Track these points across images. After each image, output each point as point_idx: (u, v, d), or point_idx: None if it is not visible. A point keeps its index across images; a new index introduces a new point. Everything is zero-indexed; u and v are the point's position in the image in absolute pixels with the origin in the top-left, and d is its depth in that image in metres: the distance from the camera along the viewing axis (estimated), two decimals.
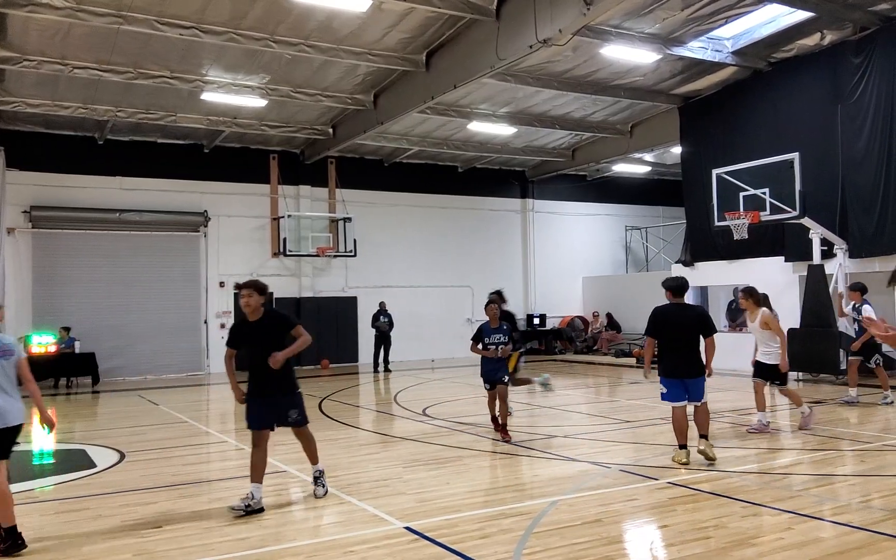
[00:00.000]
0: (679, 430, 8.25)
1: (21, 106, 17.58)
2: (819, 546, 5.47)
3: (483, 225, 26.19)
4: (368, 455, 9.58)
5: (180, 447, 10.43)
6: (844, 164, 15.75)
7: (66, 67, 15.39)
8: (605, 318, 25.39)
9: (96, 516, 6.77)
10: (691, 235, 20.04)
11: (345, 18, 14.00)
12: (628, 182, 28.11)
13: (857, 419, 11.25)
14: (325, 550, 5.69)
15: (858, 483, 7.52)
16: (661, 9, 14.00)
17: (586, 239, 27.95)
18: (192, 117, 19.34)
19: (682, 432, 8.23)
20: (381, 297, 22.05)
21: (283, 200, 22.97)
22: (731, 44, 16.13)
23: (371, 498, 7.19)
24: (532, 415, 13.08)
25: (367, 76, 17.39)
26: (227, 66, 16.35)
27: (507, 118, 20.50)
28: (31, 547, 5.89)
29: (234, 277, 22.18)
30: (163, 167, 21.46)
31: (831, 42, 15.85)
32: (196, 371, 21.51)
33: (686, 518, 6.28)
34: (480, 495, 7.32)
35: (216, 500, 7.34)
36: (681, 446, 8.22)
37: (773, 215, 15.30)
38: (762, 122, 17.58)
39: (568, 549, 5.53)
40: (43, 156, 20.09)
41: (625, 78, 17.92)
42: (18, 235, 19.69)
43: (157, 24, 13.55)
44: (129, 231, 20.92)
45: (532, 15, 12.69)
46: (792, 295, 16.89)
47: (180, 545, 5.89)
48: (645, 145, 22.53)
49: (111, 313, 20.17)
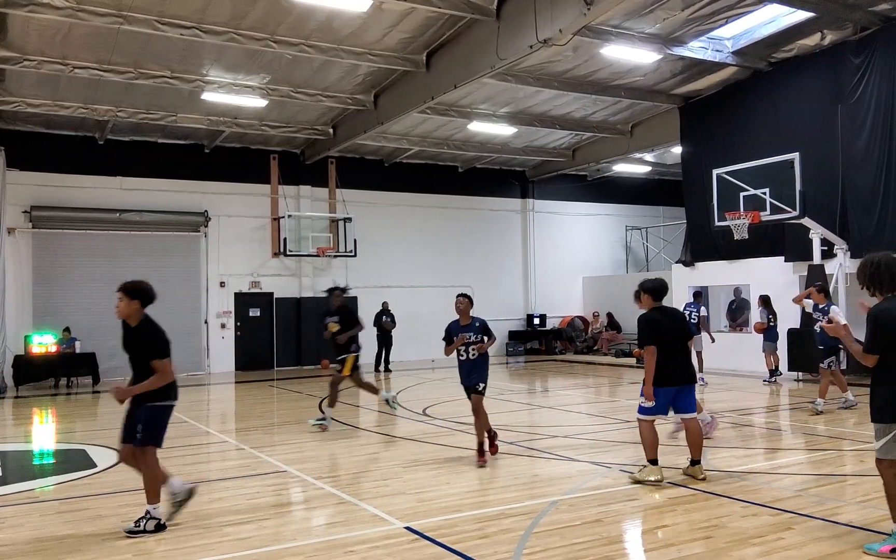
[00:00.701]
0: (650, 445, 7.41)
1: (21, 106, 17.58)
2: (819, 546, 5.47)
3: (483, 225, 26.20)
4: (368, 455, 9.59)
5: (181, 447, 10.42)
6: (844, 164, 15.75)
7: (67, 67, 15.39)
8: (605, 317, 25.39)
9: (96, 516, 6.77)
10: (692, 235, 20.04)
11: (345, 18, 14.00)
12: (629, 182, 28.11)
13: (856, 419, 11.24)
14: (325, 550, 5.69)
15: (858, 483, 7.52)
16: (661, 9, 13.99)
17: (586, 239, 27.95)
18: (192, 117, 19.35)
19: (653, 446, 7.42)
20: (383, 297, 22.06)
21: (283, 200, 22.97)
22: (731, 44, 16.13)
23: (371, 498, 7.19)
24: (532, 414, 13.07)
25: (368, 76, 17.39)
26: (228, 66, 16.35)
27: (507, 118, 20.50)
28: (31, 547, 5.90)
29: (235, 278, 22.31)
30: (163, 167, 21.46)
31: (831, 42, 15.84)
32: (196, 371, 21.52)
33: (686, 518, 6.28)
34: (480, 495, 7.32)
35: (216, 500, 7.34)
36: (652, 461, 7.42)
37: (774, 215, 15.31)
38: (762, 122, 17.58)
39: (568, 549, 5.54)
40: (43, 156, 20.09)
41: (625, 78, 17.92)
42: (19, 235, 19.70)
43: (158, 24, 13.55)
44: (129, 231, 20.93)
45: (532, 15, 12.69)
46: (792, 295, 16.82)
47: (180, 545, 5.89)
48: (645, 145, 22.53)
49: (111, 313, 19.80)
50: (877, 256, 5.36)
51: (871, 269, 5.33)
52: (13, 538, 6.18)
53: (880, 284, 5.31)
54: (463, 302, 8.80)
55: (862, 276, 5.43)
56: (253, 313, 22.71)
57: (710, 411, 10.44)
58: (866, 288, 5.43)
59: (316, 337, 22.98)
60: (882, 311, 5.28)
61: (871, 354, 5.27)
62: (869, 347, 5.28)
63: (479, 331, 8.66)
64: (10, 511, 7.12)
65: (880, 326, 5.22)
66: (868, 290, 5.42)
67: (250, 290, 22.67)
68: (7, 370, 18.54)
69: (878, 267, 5.29)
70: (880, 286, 5.31)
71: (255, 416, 14.02)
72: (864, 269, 5.39)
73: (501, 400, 14.21)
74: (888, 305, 5.29)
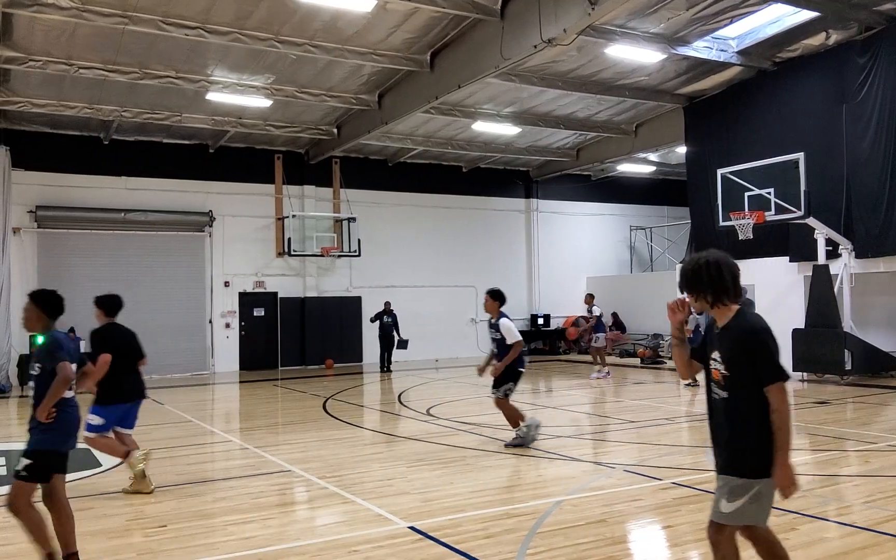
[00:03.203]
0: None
1: (27, 106, 17.62)
2: (823, 546, 5.46)
3: (487, 225, 26.18)
4: (372, 455, 9.59)
5: (185, 446, 10.45)
6: (849, 164, 15.72)
7: (72, 67, 15.42)
8: (610, 317, 25.28)
9: (101, 515, 6.78)
10: (696, 235, 20.00)
11: (350, 18, 14.01)
12: (633, 182, 28.08)
13: (863, 419, 11.22)
14: (329, 550, 5.70)
15: (863, 483, 7.51)
16: (665, 8, 13.97)
17: (590, 239, 27.92)
18: (197, 117, 19.38)
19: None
20: (386, 297, 22.05)
21: (287, 200, 22.99)
22: (735, 43, 16.11)
23: (375, 497, 7.20)
24: (536, 415, 13.05)
25: (372, 76, 17.40)
26: (232, 67, 16.37)
27: (511, 118, 20.49)
28: (36, 546, 5.90)
29: (239, 277, 22.33)
30: (168, 167, 21.50)
31: (836, 42, 15.81)
32: (201, 370, 21.55)
33: (690, 518, 6.27)
34: (484, 495, 7.32)
35: (220, 499, 7.35)
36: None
37: (778, 215, 15.28)
38: (767, 122, 17.55)
39: (572, 549, 5.53)
40: (48, 156, 20.13)
41: (629, 78, 17.90)
42: (24, 235, 19.75)
43: (163, 24, 13.58)
44: (134, 231, 20.96)
45: (537, 15, 12.68)
46: (797, 295, 16.86)
47: (184, 544, 5.90)
48: (649, 145, 22.50)
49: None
50: (704, 257, 3.96)
51: (712, 272, 3.90)
52: (18, 537, 6.18)
53: (725, 289, 3.91)
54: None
55: (696, 283, 3.93)
56: (257, 313, 22.74)
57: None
58: (704, 298, 3.93)
59: (319, 337, 23.12)
60: (764, 323, 3.91)
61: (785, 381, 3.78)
62: (783, 371, 3.78)
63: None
64: None
65: (774, 341, 3.83)
66: (706, 301, 3.93)
67: (254, 290, 22.69)
68: (12, 369, 18.59)
69: (719, 268, 3.90)
70: (726, 291, 3.92)
71: (259, 415, 14.04)
72: (699, 275, 3.91)
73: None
74: (747, 317, 3.97)
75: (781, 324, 16.54)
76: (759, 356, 3.76)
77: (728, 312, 3.95)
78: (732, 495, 3.79)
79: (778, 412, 3.71)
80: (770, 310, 17.56)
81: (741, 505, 3.77)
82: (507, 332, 9.23)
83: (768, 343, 3.78)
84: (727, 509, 3.82)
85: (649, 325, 23.62)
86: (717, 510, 3.87)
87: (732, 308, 3.96)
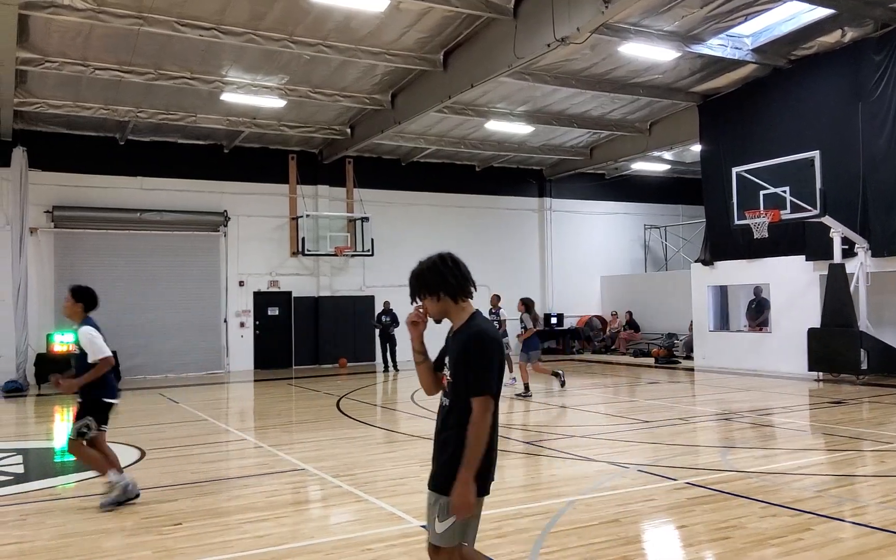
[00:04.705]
0: None
1: (43, 107, 17.77)
2: (838, 547, 5.44)
3: (501, 224, 26.15)
4: (386, 454, 9.62)
5: (200, 445, 10.52)
6: (865, 162, 15.59)
7: (88, 69, 15.53)
8: (625, 316, 25.24)
9: (117, 513, 6.84)
10: (711, 234, 19.91)
11: (363, 18, 14.04)
12: (647, 180, 27.96)
13: (879, 419, 11.14)
14: (342, 548, 5.72)
15: (878, 483, 7.46)
16: (680, 6, 13.91)
17: (604, 238, 27.84)
18: (212, 118, 19.47)
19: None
20: (400, 297, 22.02)
21: (301, 200, 23.07)
22: (750, 41, 16.01)
23: (388, 496, 7.22)
24: (549, 414, 13.05)
25: (385, 76, 17.43)
26: (247, 67, 16.44)
27: (524, 117, 20.46)
28: (53, 543, 5.97)
29: (254, 277, 22.44)
30: (183, 167, 21.62)
31: (852, 39, 15.69)
32: (216, 369, 21.66)
33: (704, 518, 6.25)
34: (497, 494, 7.29)
35: (235, 497, 7.40)
36: None
37: (794, 214, 15.19)
38: (782, 119, 17.43)
39: (585, 548, 5.53)
40: (65, 156, 20.29)
41: (643, 76, 17.83)
42: (41, 235, 19.92)
43: (177, 25, 13.65)
44: (149, 231, 21.09)
45: (550, 13, 12.66)
46: (813, 294, 16.75)
47: (199, 543, 5.94)
48: (664, 143, 22.40)
49: (132, 312, 20.30)
50: (434, 255, 3.85)
51: (449, 264, 3.78)
52: (36, 535, 6.26)
53: (463, 284, 3.74)
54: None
55: (435, 280, 3.74)
56: (272, 312, 22.84)
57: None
58: (446, 293, 3.72)
59: (333, 336, 23.18)
60: (492, 332, 3.66)
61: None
62: (491, 385, 3.53)
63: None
64: (32, 508, 7.22)
65: (496, 352, 3.55)
66: (449, 297, 3.72)
67: (269, 290, 22.78)
68: (29, 368, 18.76)
69: (455, 261, 3.80)
70: (464, 285, 3.74)
71: (273, 414, 14.11)
72: (436, 270, 3.76)
73: (518, 399, 14.20)
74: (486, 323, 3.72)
75: (797, 323, 16.58)
76: (471, 364, 3.50)
77: (463, 314, 3.69)
78: (444, 514, 3.51)
79: (474, 425, 3.43)
80: (786, 309, 17.54)
81: (452, 524, 3.49)
82: None
83: (486, 352, 3.49)
84: (441, 529, 3.53)
85: (663, 325, 23.53)
86: (433, 531, 3.59)
87: (468, 310, 3.70)
